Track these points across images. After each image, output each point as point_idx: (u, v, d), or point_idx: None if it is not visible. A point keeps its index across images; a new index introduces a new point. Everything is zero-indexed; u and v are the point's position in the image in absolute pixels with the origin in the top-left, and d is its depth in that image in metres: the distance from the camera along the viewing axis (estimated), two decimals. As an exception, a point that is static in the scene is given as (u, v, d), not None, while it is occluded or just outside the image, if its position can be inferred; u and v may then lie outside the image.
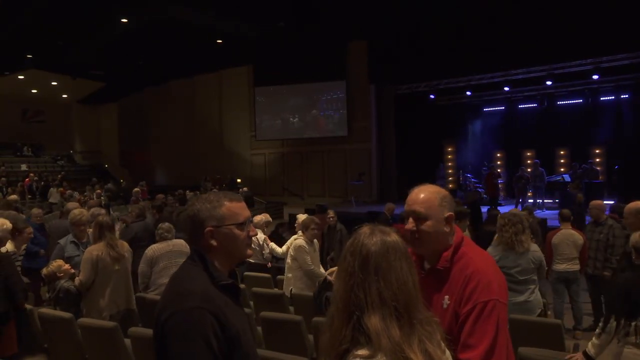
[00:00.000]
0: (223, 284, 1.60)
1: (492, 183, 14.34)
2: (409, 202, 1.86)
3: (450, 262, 1.81)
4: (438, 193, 1.86)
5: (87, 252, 4.30)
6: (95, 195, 13.58)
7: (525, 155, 16.20)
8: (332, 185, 19.03)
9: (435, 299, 1.79)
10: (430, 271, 1.86)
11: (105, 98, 26.05)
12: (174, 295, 1.57)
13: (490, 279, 1.73)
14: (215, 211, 1.65)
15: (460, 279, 1.75)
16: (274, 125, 19.67)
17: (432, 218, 1.81)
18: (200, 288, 1.55)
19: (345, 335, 1.29)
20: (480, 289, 1.70)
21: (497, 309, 1.67)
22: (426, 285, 1.81)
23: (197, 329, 1.47)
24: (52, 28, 15.57)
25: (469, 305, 1.69)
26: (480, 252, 1.90)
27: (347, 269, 1.36)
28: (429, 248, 1.85)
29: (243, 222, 1.69)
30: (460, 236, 1.88)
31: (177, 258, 4.92)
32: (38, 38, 16.54)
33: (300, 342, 3.84)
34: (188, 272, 1.64)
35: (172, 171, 23.71)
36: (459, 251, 1.83)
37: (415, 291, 1.35)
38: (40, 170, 21.71)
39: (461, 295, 1.72)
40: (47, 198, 15.67)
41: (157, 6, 14.17)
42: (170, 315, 1.51)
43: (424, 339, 1.29)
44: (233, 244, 1.67)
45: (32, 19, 14.75)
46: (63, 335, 3.94)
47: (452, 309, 1.73)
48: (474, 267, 1.76)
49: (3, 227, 4.10)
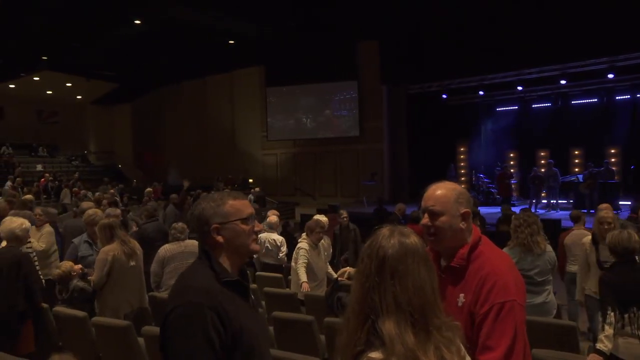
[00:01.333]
0: (227, 281, 1.63)
1: (505, 183, 14.23)
2: (425, 198, 1.88)
3: (467, 260, 1.80)
4: (454, 190, 1.87)
5: (102, 252, 4.34)
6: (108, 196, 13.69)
7: (539, 155, 16.04)
8: (344, 186, 19.01)
9: (450, 297, 1.78)
10: (446, 268, 1.85)
11: (119, 99, 26.30)
12: (177, 291, 1.64)
13: (507, 280, 1.71)
14: (220, 209, 1.71)
15: (476, 278, 1.74)
16: (287, 126, 19.71)
17: (447, 214, 1.81)
18: (202, 284, 1.60)
19: (360, 337, 1.27)
20: (497, 290, 1.68)
21: (515, 311, 1.66)
22: (442, 282, 1.81)
23: (197, 323, 1.51)
24: (67, 30, 15.75)
25: (485, 307, 1.67)
26: (498, 252, 1.88)
27: (364, 271, 1.33)
28: (445, 244, 1.84)
29: (247, 217, 1.73)
30: (478, 235, 1.86)
31: (189, 259, 4.95)
32: (52, 40, 16.75)
33: (312, 342, 3.84)
34: (194, 269, 1.70)
35: (185, 171, 23.81)
36: (476, 250, 1.82)
37: (434, 296, 1.31)
38: (55, 171, 21.95)
39: (477, 296, 1.71)
40: (60, 198, 15.83)
41: (170, 8, 14.27)
42: (171, 310, 1.56)
43: (441, 346, 1.25)
44: (238, 239, 1.71)
45: (47, 21, 14.93)
46: (77, 333, 3.99)
47: (467, 309, 1.72)
48: (490, 267, 1.75)
49: (23, 227, 4.16)
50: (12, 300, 3.90)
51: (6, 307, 3.87)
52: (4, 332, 3.81)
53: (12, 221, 4.19)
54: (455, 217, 1.82)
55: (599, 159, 13.92)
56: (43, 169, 22.22)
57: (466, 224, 1.83)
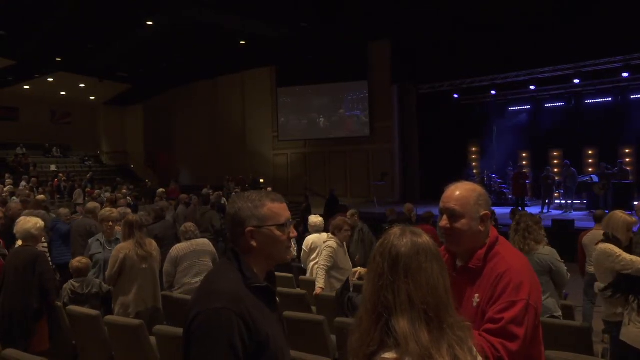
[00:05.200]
0: (256, 286, 1.56)
1: (520, 183, 14.08)
2: (445, 200, 1.84)
3: (484, 261, 1.78)
4: (474, 191, 1.83)
5: (116, 249, 4.41)
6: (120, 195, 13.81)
7: (552, 155, 15.90)
8: (355, 186, 18.98)
9: (466, 298, 1.77)
10: (463, 269, 1.83)
11: (131, 100, 26.51)
12: (203, 295, 1.56)
13: (523, 280, 1.69)
14: (257, 211, 1.62)
15: (491, 278, 1.72)
16: (299, 126, 19.73)
17: (467, 216, 1.78)
18: (230, 288, 1.52)
19: (374, 337, 1.27)
20: (511, 289, 1.66)
21: (526, 310, 1.63)
22: (458, 283, 1.78)
23: (222, 330, 1.44)
24: (80, 32, 15.91)
25: (497, 304, 1.65)
26: (514, 253, 1.86)
27: (377, 270, 1.33)
28: (463, 246, 1.82)
29: (284, 223, 1.65)
30: (495, 235, 1.84)
31: (201, 257, 4.99)
32: (66, 42, 16.93)
33: (323, 343, 3.84)
34: (221, 271, 1.62)
35: (196, 171, 23.99)
36: (492, 250, 1.79)
37: (447, 295, 1.30)
38: (69, 171, 22.19)
39: (491, 294, 1.69)
40: (73, 199, 15.98)
41: (181, 9, 14.36)
42: (196, 315, 1.48)
43: (454, 345, 1.24)
44: (273, 246, 1.63)
45: (61, 24, 15.10)
46: (90, 332, 4.02)
47: (482, 308, 1.71)
48: (506, 266, 1.73)
49: (37, 226, 4.21)
50: (27, 298, 3.95)
51: (21, 305, 3.93)
52: (19, 330, 3.87)
53: (28, 221, 4.25)
54: (474, 220, 1.79)
55: (613, 159, 13.76)
56: (57, 169, 22.47)
57: (485, 226, 1.80)
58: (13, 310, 3.89)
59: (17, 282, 3.97)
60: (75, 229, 6.38)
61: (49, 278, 4.06)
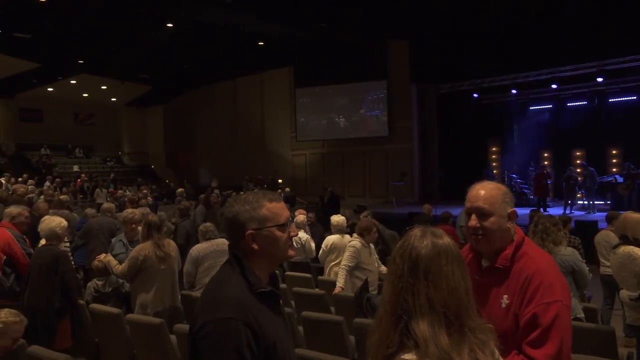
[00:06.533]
0: (261, 292, 1.54)
1: (542, 183, 13.86)
2: (471, 199, 1.82)
3: (511, 261, 1.76)
4: (500, 189, 1.83)
5: (135, 250, 4.44)
6: (141, 195, 14.00)
7: (575, 155, 15.62)
8: (374, 186, 18.92)
9: (493, 298, 1.75)
10: (489, 269, 1.82)
11: (152, 101, 26.86)
12: (208, 303, 1.53)
13: (553, 280, 1.68)
14: (256, 212, 1.58)
15: (520, 279, 1.71)
16: (319, 126, 19.73)
17: (496, 214, 1.78)
18: (235, 296, 1.49)
19: (393, 338, 1.26)
20: (543, 290, 1.65)
21: (561, 311, 1.63)
22: (484, 283, 1.79)
23: (230, 340, 1.42)
24: (102, 34, 16.19)
25: (531, 307, 1.64)
26: (541, 253, 1.85)
27: (396, 271, 1.32)
28: (493, 245, 1.80)
29: (284, 223, 1.62)
30: (522, 235, 1.83)
31: (221, 257, 5.00)
32: (89, 44, 17.24)
33: (341, 343, 3.83)
34: (225, 277, 1.58)
35: (216, 172, 24.12)
36: (519, 250, 1.78)
37: (468, 298, 1.29)
38: (91, 171, 22.58)
39: (522, 296, 1.68)
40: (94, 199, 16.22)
41: (201, 11, 14.49)
42: (202, 326, 1.46)
43: (475, 348, 1.23)
44: (275, 247, 1.60)
45: (83, 27, 15.37)
46: (112, 330, 4.08)
47: (512, 310, 1.69)
48: (535, 267, 1.71)
49: (61, 225, 4.29)
50: (51, 297, 4.03)
51: (45, 303, 4.01)
52: (43, 328, 3.94)
53: (52, 220, 4.33)
54: (503, 218, 1.78)
55: (638, 159, 13.44)
56: (79, 170, 22.88)
57: (512, 224, 1.80)
58: (37, 308, 3.97)
59: (40, 281, 4.06)
60: (97, 227, 6.49)
61: (71, 277, 4.13)
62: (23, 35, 16.06)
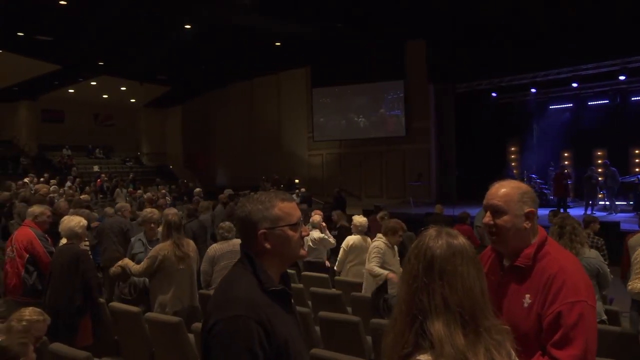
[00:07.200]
0: (272, 290, 1.55)
1: (562, 184, 13.64)
2: (489, 196, 1.84)
3: (533, 260, 1.74)
4: (518, 188, 1.82)
5: (154, 249, 4.46)
6: (160, 195, 14.15)
7: (596, 155, 15.35)
8: (390, 186, 18.85)
9: (515, 298, 1.74)
10: (510, 269, 1.80)
11: (170, 102, 27.15)
12: (220, 302, 1.54)
13: (577, 280, 1.66)
14: (268, 212, 1.60)
15: (543, 278, 1.69)
16: (338, 126, 19.70)
17: (510, 213, 1.77)
18: (247, 295, 1.50)
19: (408, 339, 1.26)
20: (567, 290, 1.63)
21: (587, 311, 1.60)
22: (505, 283, 1.78)
23: (241, 339, 1.43)
24: (121, 36, 16.42)
25: (555, 306, 1.62)
26: (565, 253, 1.83)
27: (411, 271, 1.31)
28: (508, 244, 1.79)
29: (296, 222, 1.63)
30: (544, 235, 1.81)
31: (237, 258, 5.02)
32: (108, 46, 17.49)
33: (358, 343, 3.83)
34: (237, 276, 1.60)
35: (233, 172, 24.33)
36: (542, 250, 1.76)
37: (483, 298, 1.28)
38: (111, 171, 22.89)
39: (545, 296, 1.66)
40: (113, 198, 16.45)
41: (218, 12, 14.60)
42: (214, 324, 1.47)
43: (491, 349, 1.22)
44: (287, 246, 1.62)
45: (103, 29, 15.60)
46: (132, 328, 4.13)
47: (535, 310, 1.67)
48: (558, 266, 1.69)
49: (81, 224, 4.35)
50: (72, 295, 4.09)
51: (66, 301, 4.07)
52: (64, 326, 4.00)
53: (71, 219, 4.40)
54: (518, 217, 1.77)
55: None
56: (99, 170, 23.23)
57: (530, 223, 1.78)
58: (59, 306, 4.03)
59: (62, 280, 4.12)
60: (109, 227, 6.63)
61: (91, 276, 4.19)
62: (45, 38, 16.36)
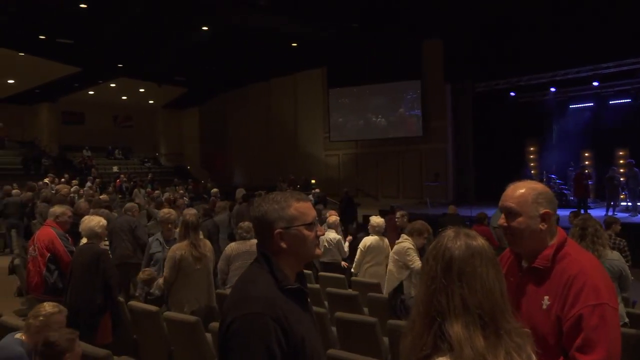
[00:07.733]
0: (289, 289, 1.57)
1: (582, 184, 13.41)
2: (504, 198, 1.82)
3: (552, 261, 1.72)
4: (534, 189, 1.79)
5: (171, 250, 4.51)
6: (178, 195, 14.27)
7: (617, 155, 15.04)
8: (407, 186, 18.76)
9: (533, 299, 1.71)
10: (528, 270, 1.78)
11: (188, 103, 27.42)
12: (237, 300, 1.56)
13: (597, 282, 1.62)
14: (284, 212, 1.62)
15: (562, 280, 1.66)
16: (356, 126, 19.68)
17: (525, 214, 1.74)
18: (264, 293, 1.52)
19: (427, 341, 1.24)
20: (587, 292, 1.59)
21: (609, 314, 1.57)
22: (523, 284, 1.76)
23: (259, 337, 1.44)
24: (140, 38, 16.63)
25: (575, 309, 1.59)
26: (585, 254, 1.80)
27: (430, 272, 1.30)
28: (524, 246, 1.77)
29: (312, 222, 1.65)
30: (564, 236, 1.78)
31: (252, 258, 5.04)
32: (127, 48, 17.73)
33: (375, 344, 3.81)
34: (253, 275, 1.61)
35: (250, 172, 24.46)
36: (561, 251, 1.73)
37: (503, 300, 1.26)
38: (130, 172, 23.16)
39: (565, 298, 1.63)
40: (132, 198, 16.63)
41: (235, 14, 14.70)
42: (232, 322, 1.48)
43: (511, 352, 1.20)
44: (303, 245, 1.63)
45: (122, 32, 15.82)
46: (150, 327, 4.18)
47: (554, 312, 1.65)
48: (579, 268, 1.66)
49: (100, 224, 4.42)
50: (92, 294, 4.15)
51: (87, 300, 4.13)
52: (84, 324, 4.06)
53: (91, 219, 4.46)
54: (533, 218, 1.74)
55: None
56: (118, 171, 23.53)
57: (547, 225, 1.75)
58: (79, 305, 4.09)
59: (82, 279, 4.19)
60: (119, 226, 6.72)
61: (111, 275, 4.24)
62: (65, 41, 16.65)
